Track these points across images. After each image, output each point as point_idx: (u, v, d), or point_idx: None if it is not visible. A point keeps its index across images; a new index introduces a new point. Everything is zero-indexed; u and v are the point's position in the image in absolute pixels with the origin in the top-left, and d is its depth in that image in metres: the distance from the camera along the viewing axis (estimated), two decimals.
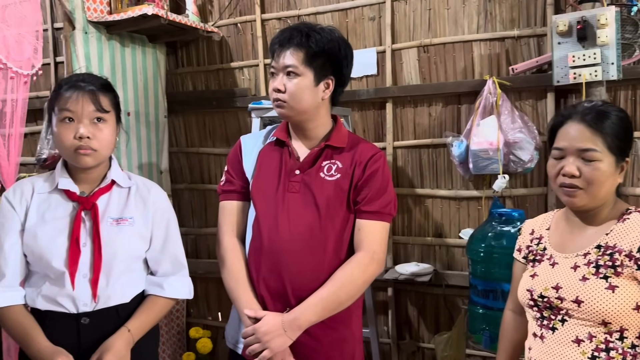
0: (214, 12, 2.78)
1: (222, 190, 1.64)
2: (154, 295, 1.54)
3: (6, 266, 1.42)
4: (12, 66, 2.10)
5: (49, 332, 1.40)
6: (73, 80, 1.44)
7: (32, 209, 1.45)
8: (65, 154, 1.43)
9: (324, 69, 1.50)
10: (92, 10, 2.36)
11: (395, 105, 2.44)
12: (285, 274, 1.46)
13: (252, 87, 2.74)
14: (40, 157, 2.83)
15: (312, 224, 1.48)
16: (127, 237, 1.49)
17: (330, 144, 1.54)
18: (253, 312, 1.44)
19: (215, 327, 2.92)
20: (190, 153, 2.95)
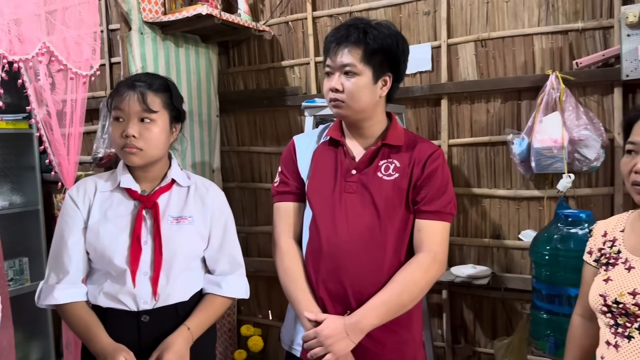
0: (265, 11, 2.78)
1: (276, 192, 1.62)
2: (212, 294, 1.55)
3: (69, 263, 1.45)
4: (71, 67, 2.15)
5: (110, 329, 1.43)
6: (130, 80, 1.47)
7: (95, 207, 1.47)
8: (117, 152, 1.46)
9: (382, 65, 1.45)
10: (147, 11, 2.39)
11: (450, 101, 2.37)
12: (345, 276, 1.42)
13: (303, 85, 2.73)
14: (96, 156, 2.91)
15: (371, 224, 1.44)
16: (187, 235, 1.50)
17: (387, 143, 1.50)
18: (313, 315, 1.41)
19: (265, 325, 2.93)
20: (241, 152, 2.96)
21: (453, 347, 2.43)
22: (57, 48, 2.09)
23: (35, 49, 2.02)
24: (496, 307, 2.37)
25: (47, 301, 1.46)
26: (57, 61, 2.09)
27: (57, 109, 2.12)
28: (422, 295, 1.46)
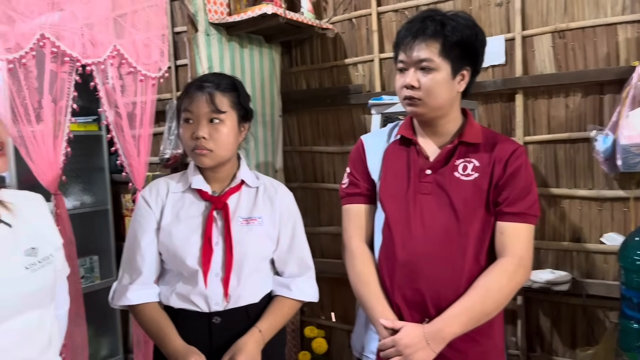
0: (328, 9, 2.73)
1: (346, 193, 1.57)
2: (282, 296, 1.52)
3: (143, 264, 1.46)
4: (141, 69, 2.18)
5: (181, 331, 1.42)
6: (198, 82, 1.46)
7: (168, 208, 1.47)
8: (188, 154, 1.45)
9: (461, 59, 1.37)
10: (213, 12, 2.40)
11: (526, 96, 2.24)
12: (423, 282, 1.35)
13: (367, 83, 2.66)
14: (164, 156, 2.96)
15: (449, 227, 1.36)
16: (257, 236, 1.47)
17: (464, 141, 1.42)
18: (390, 323, 1.35)
19: (328, 327, 2.89)
20: (303, 152, 2.94)
21: (528, 356, 2.30)
22: (127, 51, 2.13)
23: (106, 52, 2.07)
24: (576, 315, 2.22)
25: (120, 302, 1.47)
26: (127, 64, 2.13)
27: (128, 111, 2.16)
28: (506, 302, 1.37)
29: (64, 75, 1.94)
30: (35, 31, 1.86)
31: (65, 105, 1.93)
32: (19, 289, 1.06)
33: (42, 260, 1.12)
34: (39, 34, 1.86)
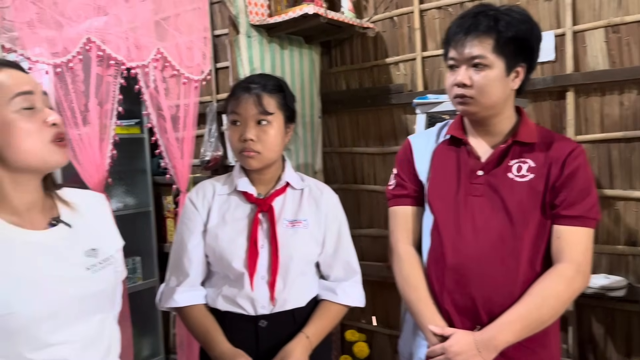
0: (368, 8, 2.70)
1: (392, 195, 1.53)
2: (328, 300, 1.49)
3: (190, 266, 1.46)
4: (184, 72, 2.20)
5: (228, 333, 1.41)
6: (244, 83, 1.44)
7: (214, 210, 1.47)
8: (235, 156, 1.44)
9: (516, 55, 1.31)
10: (254, 14, 2.39)
11: (577, 94, 2.15)
12: (475, 287, 1.30)
13: (409, 82, 2.61)
14: (204, 159, 2.98)
15: (502, 231, 1.31)
16: (302, 239, 1.45)
17: (519, 140, 1.36)
18: (439, 329, 1.31)
19: (369, 330, 2.85)
20: (343, 153, 2.90)
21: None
22: (170, 54, 2.15)
23: (150, 55, 2.09)
24: (632, 322, 2.12)
25: (168, 304, 1.47)
26: (171, 66, 2.15)
27: (171, 113, 2.17)
28: (563, 310, 1.30)
29: (109, 78, 1.96)
30: (82, 35, 1.89)
31: (111, 108, 1.96)
32: (79, 291, 1.05)
33: (102, 262, 1.11)
34: (86, 38, 1.90)
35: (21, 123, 1.00)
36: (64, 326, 1.03)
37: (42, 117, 1.03)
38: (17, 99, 1.00)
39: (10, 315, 0.96)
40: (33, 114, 1.02)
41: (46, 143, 1.02)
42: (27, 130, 1.00)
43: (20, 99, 1.00)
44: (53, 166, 1.06)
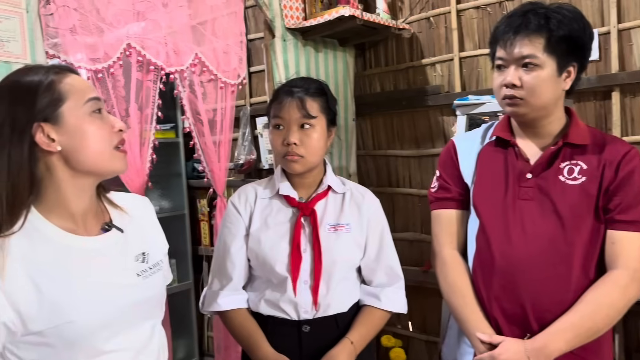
0: (404, 9, 2.67)
1: (435, 198, 1.50)
2: (371, 306, 1.47)
3: (233, 270, 1.46)
4: (221, 77, 2.21)
5: (271, 338, 1.41)
6: (287, 87, 1.44)
7: (256, 214, 1.46)
8: (277, 160, 1.43)
9: (568, 55, 1.27)
10: (289, 18, 2.39)
11: (623, 94, 2.08)
12: (525, 294, 1.26)
13: (445, 83, 2.57)
14: (238, 162, 3.00)
15: (553, 236, 1.27)
16: (345, 244, 1.44)
17: (570, 142, 1.32)
18: (487, 337, 1.27)
19: (405, 336, 2.81)
20: (377, 156, 2.88)
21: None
22: (208, 58, 2.16)
23: (188, 60, 2.10)
24: None
25: (211, 307, 1.47)
26: (208, 71, 2.16)
27: (209, 117, 2.19)
28: (618, 319, 1.26)
29: (149, 83, 1.98)
30: (122, 41, 1.92)
31: (151, 113, 1.98)
32: (132, 298, 1.06)
33: (152, 267, 1.12)
34: (126, 44, 1.92)
35: (93, 127, 1.01)
36: (118, 334, 1.03)
37: (109, 123, 1.04)
38: (90, 103, 1.01)
39: (69, 324, 0.96)
40: (102, 119, 1.03)
41: (111, 149, 1.04)
42: (98, 134, 1.01)
43: (92, 104, 1.02)
44: (115, 172, 1.07)
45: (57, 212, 1.02)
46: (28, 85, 0.98)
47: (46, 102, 0.97)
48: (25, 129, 0.96)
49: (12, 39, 1.59)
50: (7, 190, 0.95)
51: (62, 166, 1.00)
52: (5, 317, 0.92)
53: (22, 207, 0.98)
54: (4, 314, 0.92)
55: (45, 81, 0.98)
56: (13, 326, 0.94)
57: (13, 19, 1.60)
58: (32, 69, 1.02)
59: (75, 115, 0.99)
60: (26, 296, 0.94)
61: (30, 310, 0.94)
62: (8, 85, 0.99)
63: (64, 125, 0.98)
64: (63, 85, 0.99)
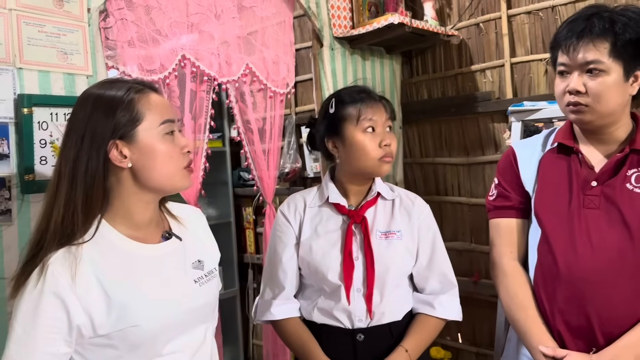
0: (452, 15, 2.64)
1: (494, 206, 1.47)
2: (425, 314, 1.45)
3: (285, 279, 1.46)
4: (270, 86, 2.23)
5: (325, 347, 1.40)
6: (357, 92, 1.43)
7: (306, 223, 1.47)
8: (368, 164, 1.40)
9: (635, 59, 1.22)
10: (337, 27, 2.41)
11: None
12: (591, 307, 1.22)
13: (496, 89, 2.53)
14: (283, 170, 3.02)
15: (622, 246, 1.22)
16: (397, 251, 1.42)
17: (637, 148, 1.26)
18: (551, 351, 1.23)
19: (455, 348, 2.75)
20: (424, 164, 2.85)
21: None
22: (258, 68, 2.19)
23: (240, 70, 2.14)
24: None
25: (264, 317, 1.48)
26: (258, 81, 2.19)
27: (258, 126, 2.21)
28: None
29: (202, 93, 2.03)
30: (177, 52, 1.97)
31: (204, 123, 2.01)
32: (190, 304, 1.09)
33: (207, 274, 1.15)
34: (180, 55, 1.97)
35: (164, 148, 1.05)
36: (176, 337, 1.07)
37: (179, 144, 1.07)
38: (164, 125, 1.05)
39: (134, 328, 1.00)
40: (173, 140, 1.07)
41: (180, 168, 1.08)
42: (167, 156, 1.05)
43: (166, 126, 1.05)
44: (180, 189, 1.11)
45: (123, 222, 1.06)
46: (110, 101, 1.02)
47: (124, 121, 1.01)
48: (102, 144, 1.01)
49: (75, 52, 1.66)
50: (82, 200, 1.00)
51: (131, 181, 1.05)
52: (79, 320, 0.97)
53: (95, 216, 1.02)
54: (78, 318, 0.97)
55: (126, 99, 1.02)
56: (85, 330, 0.98)
57: (76, 32, 1.66)
58: (115, 83, 1.06)
59: (149, 136, 1.03)
60: (96, 301, 0.98)
61: (100, 314, 0.98)
62: (93, 98, 1.04)
63: (137, 144, 1.03)
64: (141, 105, 1.03)
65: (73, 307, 0.96)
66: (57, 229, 0.99)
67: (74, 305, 0.97)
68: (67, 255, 0.98)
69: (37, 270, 0.97)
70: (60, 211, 1.00)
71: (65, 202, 1.00)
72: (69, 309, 0.96)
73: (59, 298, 0.96)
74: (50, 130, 1.56)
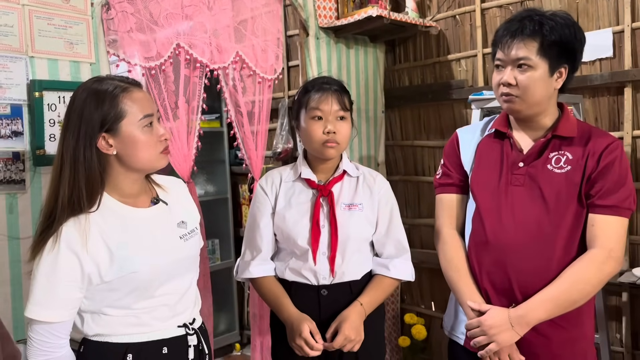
0: (432, 7, 2.83)
1: (439, 184, 1.67)
2: (381, 275, 1.67)
3: (262, 243, 1.68)
4: (259, 72, 2.44)
5: (295, 300, 1.62)
6: (319, 83, 1.63)
7: (281, 195, 1.68)
8: (314, 147, 1.61)
9: (559, 57, 1.41)
10: (322, 17, 2.60)
11: (635, 90, 2.19)
12: (512, 270, 1.43)
13: (469, 78, 2.72)
14: (276, 150, 3.23)
15: (539, 219, 1.42)
16: (358, 221, 1.63)
17: (558, 134, 1.46)
18: (477, 305, 1.45)
19: (428, 315, 2.99)
20: (405, 146, 3.06)
21: (633, 353, 2.25)
22: (247, 56, 2.40)
23: (230, 57, 2.34)
24: None
25: (244, 275, 1.70)
26: (248, 67, 2.40)
27: (248, 109, 2.43)
28: (594, 292, 1.41)
29: (195, 79, 2.24)
30: (172, 41, 2.17)
31: (197, 105, 2.23)
32: (177, 255, 1.35)
33: (190, 232, 1.40)
34: (175, 44, 2.18)
35: (144, 139, 1.28)
36: (167, 282, 1.33)
37: (157, 133, 1.31)
38: (143, 120, 1.28)
39: (134, 273, 1.26)
40: (151, 131, 1.30)
41: (158, 153, 1.32)
42: (147, 145, 1.29)
43: (145, 120, 1.28)
44: (158, 168, 1.35)
45: (117, 192, 1.32)
46: (101, 98, 1.25)
47: (111, 117, 1.25)
48: (93, 136, 1.25)
49: (80, 42, 1.87)
50: (85, 181, 1.25)
51: (117, 164, 1.30)
52: (89, 270, 1.23)
53: (97, 193, 1.27)
54: (88, 268, 1.23)
55: (113, 97, 1.25)
56: (93, 277, 1.25)
57: (81, 24, 1.88)
58: (104, 81, 1.29)
59: (130, 129, 1.27)
60: (102, 255, 1.24)
61: (105, 265, 1.24)
62: (86, 93, 1.27)
63: (120, 135, 1.27)
64: (125, 103, 1.26)
65: (84, 260, 1.22)
66: (64, 204, 1.24)
67: (85, 259, 1.22)
68: (77, 222, 1.24)
69: (54, 236, 1.22)
70: (66, 191, 1.24)
71: (70, 182, 1.24)
72: (81, 261, 1.22)
73: (74, 253, 1.22)
74: (58, 112, 1.79)
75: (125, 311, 1.29)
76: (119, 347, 1.29)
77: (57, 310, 1.22)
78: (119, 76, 1.36)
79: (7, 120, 1.68)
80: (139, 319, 1.30)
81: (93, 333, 1.29)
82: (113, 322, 1.29)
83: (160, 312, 1.33)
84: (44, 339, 1.21)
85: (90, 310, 1.28)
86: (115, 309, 1.28)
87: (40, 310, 1.21)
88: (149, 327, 1.32)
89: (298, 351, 1.55)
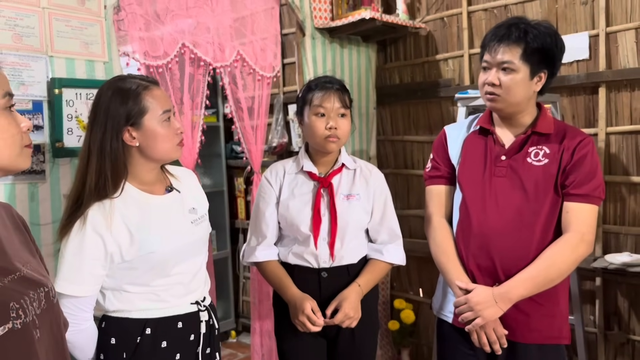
0: (421, 9, 2.98)
1: (429, 176, 1.83)
2: (375, 259, 1.83)
3: (267, 230, 1.83)
4: (259, 70, 2.57)
5: (297, 282, 1.77)
6: (322, 82, 1.77)
7: (285, 186, 1.83)
8: (316, 141, 1.75)
9: (540, 63, 1.56)
10: (318, 18, 2.74)
11: (609, 89, 2.37)
12: (495, 252, 1.59)
13: (456, 77, 2.88)
14: (271, 144, 3.38)
15: (520, 206, 1.58)
16: (355, 210, 1.79)
17: (537, 131, 1.62)
18: (464, 284, 1.61)
19: (416, 301, 3.16)
20: (395, 141, 3.21)
21: (605, 334, 2.44)
22: (248, 54, 2.53)
23: (232, 56, 2.47)
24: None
25: (250, 259, 1.85)
26: (248, 65, 2.53)
27: (248, 105, 2.56)
28: (569, 271, 1.57)
29: (199, 76, 2.36)
30: (178, 41, 2.30)
31: (200, 101, 2.36)
32: (190, 238, 1.50)
33: (200, 218, 1.55)
34: (181, 44, 2.30)
35: (163, 132, 1.43)
36: (181, 262, 1.47)
37: (174, 127, 1.45)
38: (163, 115, 1.42)
39: (152, 254, 1.41)
40: (169, 125, 1.44)
41: (175, 145, 1.46)
42: (166, 137, 1.43)
43: (164, 115, 1.43)
44: (174, 159, 1.50)
45: (137, 181, 1.46)
46: (125, 95, 1.39)
47: (135, 113, 1.39)
48: (119, 129, 1.39)
49: (94, 42, 1.99)
50: (111, 169, 1.39)
51: (138, 155, 1.44)
52: (111, 249, 1.38)
53: (121, 180, 1.41)
54: (111, 248, 1.38)
55: (136, 94, 1.39)
56: (115, 257, 1.39)
57: (95, 25, 1.99)
58: (127, 80, 1.43)
59: (151, 123, 1.41)
60: (123, 236, 1.38)
61: (126, 245, 1.38)
62: (111, 91, 1.40)
63: (142, 129, 1.41)
64: (146, 100, 1.40)
65: (108, 241, 1.36)
66: (91, 190, 1.38)
67: (108, 239, 1.36)
68: (102, 206, 1.38)
69: (81, 219, 1.35)
70: (93, 178, 1.38)
71: (97, 171, 1.38)
72: (105, 242, 1.36)
73: (98, 235, 1.36)
74: (75, 107, 1.91)
75: (145, 288, 1.44)
76: (138, 322, 1.44)
77: (83, 286, 1.36)
78: (139, 75, 1.50)
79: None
80: (157, 296, 1.45)
81: (114, 309, 1.43)
82: (133, 298, 1.43)
83: (176, 290, 1.48)
84: (70, 312, 1.34)
85: (112, 287, 1.43)
86: (135, 286, 1.43)
87: (68, 285, 1.35)
88: (166, 304, 1.46)
89: (300, 327, 1.71)
